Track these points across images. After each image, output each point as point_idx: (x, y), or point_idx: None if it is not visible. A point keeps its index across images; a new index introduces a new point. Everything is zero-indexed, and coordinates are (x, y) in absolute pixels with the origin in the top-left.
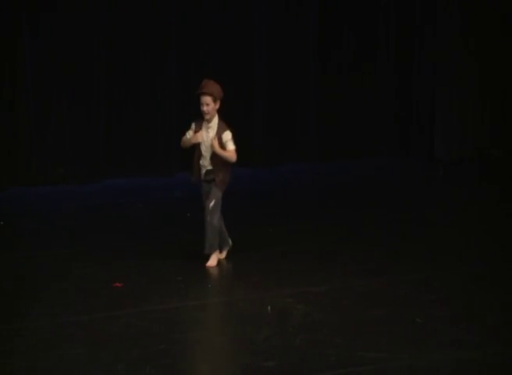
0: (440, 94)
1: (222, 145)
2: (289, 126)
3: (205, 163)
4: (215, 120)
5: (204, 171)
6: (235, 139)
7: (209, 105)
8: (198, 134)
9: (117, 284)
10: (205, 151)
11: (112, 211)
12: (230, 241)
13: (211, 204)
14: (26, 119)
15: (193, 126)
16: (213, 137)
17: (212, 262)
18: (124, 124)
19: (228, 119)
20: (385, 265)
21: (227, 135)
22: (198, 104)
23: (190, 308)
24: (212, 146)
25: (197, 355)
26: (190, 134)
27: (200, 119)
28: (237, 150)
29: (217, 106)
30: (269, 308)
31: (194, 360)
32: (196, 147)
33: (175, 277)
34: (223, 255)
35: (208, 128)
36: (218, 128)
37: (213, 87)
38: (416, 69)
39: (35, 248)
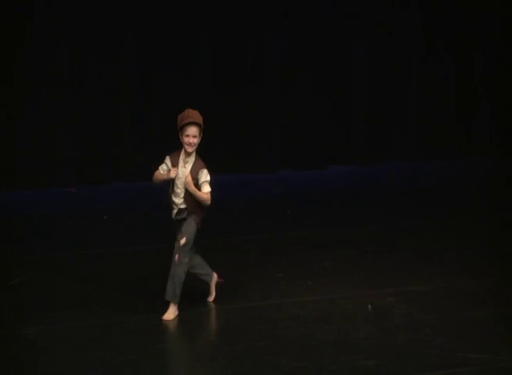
0: None
1: (197, 185)
2: (389, 124)
3: (178, 201)
4: (193, 155)
5: (175, 210)
6: (212, 178)
7: (196, 137)
8: (174, 170)
9: (218, 279)
10: (178, 188)
11: (214, 206)
12: (212, 273)
13: (182, 241)
14: (130, 114)
15: (167, 160)
16: (188, 174)
17: (169, 314)
18: (225, 120)
19: (329, 117)
20: (487, 265)
21: (205, 175)
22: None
23: (291, 306)
24: (187, 183)
25: (296, 353)
26: (163, 169)
27: (175, 152)
28: (212, 193)
29: (200, 139)
30: (370, 306)
31: (294, 357)
32: (169, 183)
33: (275, 274)
34: (212, 292)
35: (186, 163)
36: (194, 165)
37: (200, 117)
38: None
39: (139, 242)
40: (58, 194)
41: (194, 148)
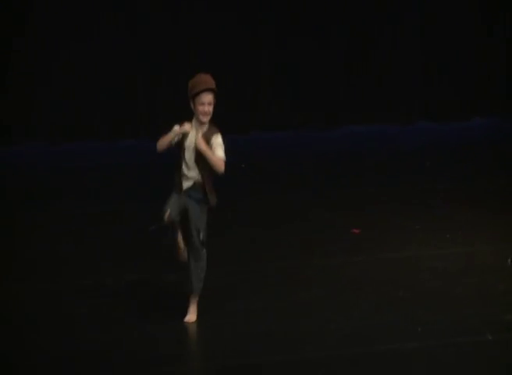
0: None
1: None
2: None
3: (190, 173)
4: (207, 123)
5: (188, 183)
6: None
7: (211, 104)
8: (188, 124)
9: (355, 230)
10: (190, 159)
11: (350, 157)
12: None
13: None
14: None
15: (176, 127)
16: (200, 136)
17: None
18: (364, 72)
19: (472, 68)
20: None
21: (217, 138)
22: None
23: (428, 258)
24: (198, 143)
25: (434, 305)
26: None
27: (185, 123)
28: (226, 163)
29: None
30: (510, 260)
31: (432, 310)
32: (178, 155)
33: (413, 225)
34: (191, 311)
35: (199, 130)
36: (208, 130)
37: (213, 82)
38: None
39: (276, 189)
40: None
41: (209, 117)
